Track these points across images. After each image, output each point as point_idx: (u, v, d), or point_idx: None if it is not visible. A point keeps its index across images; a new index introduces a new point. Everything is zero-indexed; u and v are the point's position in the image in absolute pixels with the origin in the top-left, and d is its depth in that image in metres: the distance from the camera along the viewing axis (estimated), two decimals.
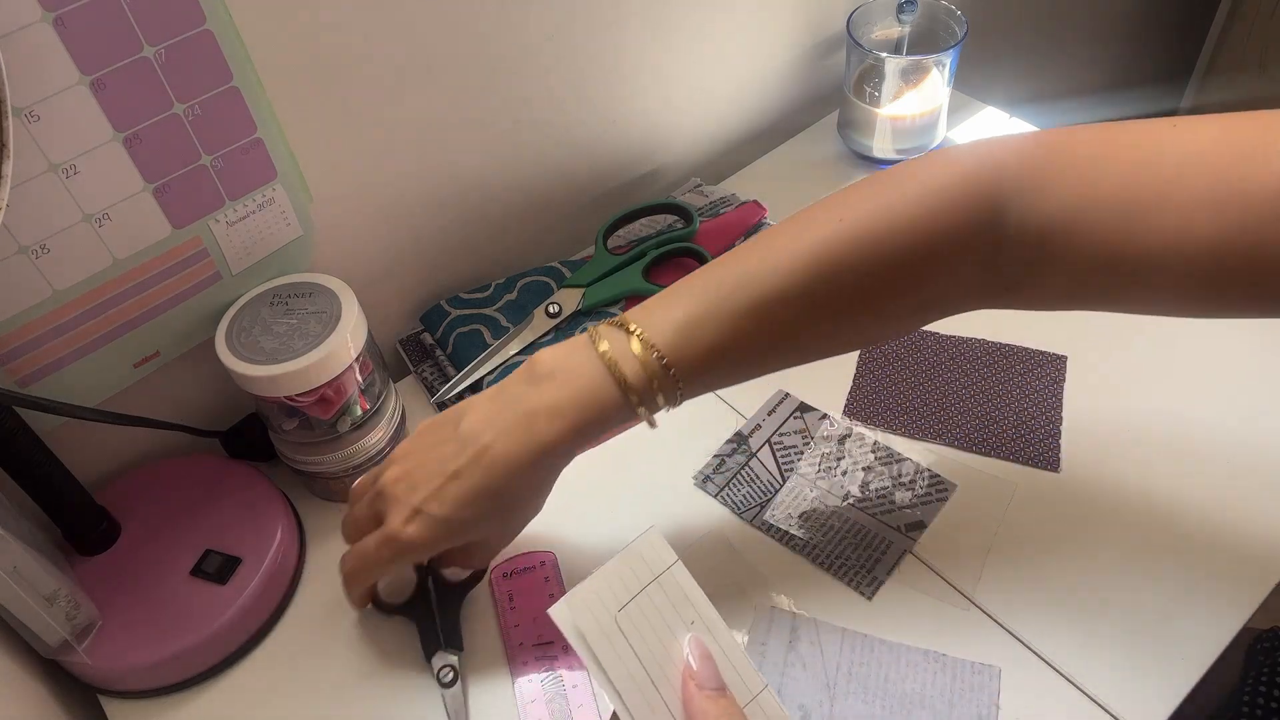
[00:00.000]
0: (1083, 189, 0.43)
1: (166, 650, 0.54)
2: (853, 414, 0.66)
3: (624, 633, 0.42)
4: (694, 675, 0.41)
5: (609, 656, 0.41)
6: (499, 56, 0.65)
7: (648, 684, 0.41)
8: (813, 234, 0.48)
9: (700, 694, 0.40)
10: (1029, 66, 1.22)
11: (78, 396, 0.57)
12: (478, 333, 0.70)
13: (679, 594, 0.43)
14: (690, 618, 0.43)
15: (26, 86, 0.46)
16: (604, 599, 0.42)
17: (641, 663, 0.41)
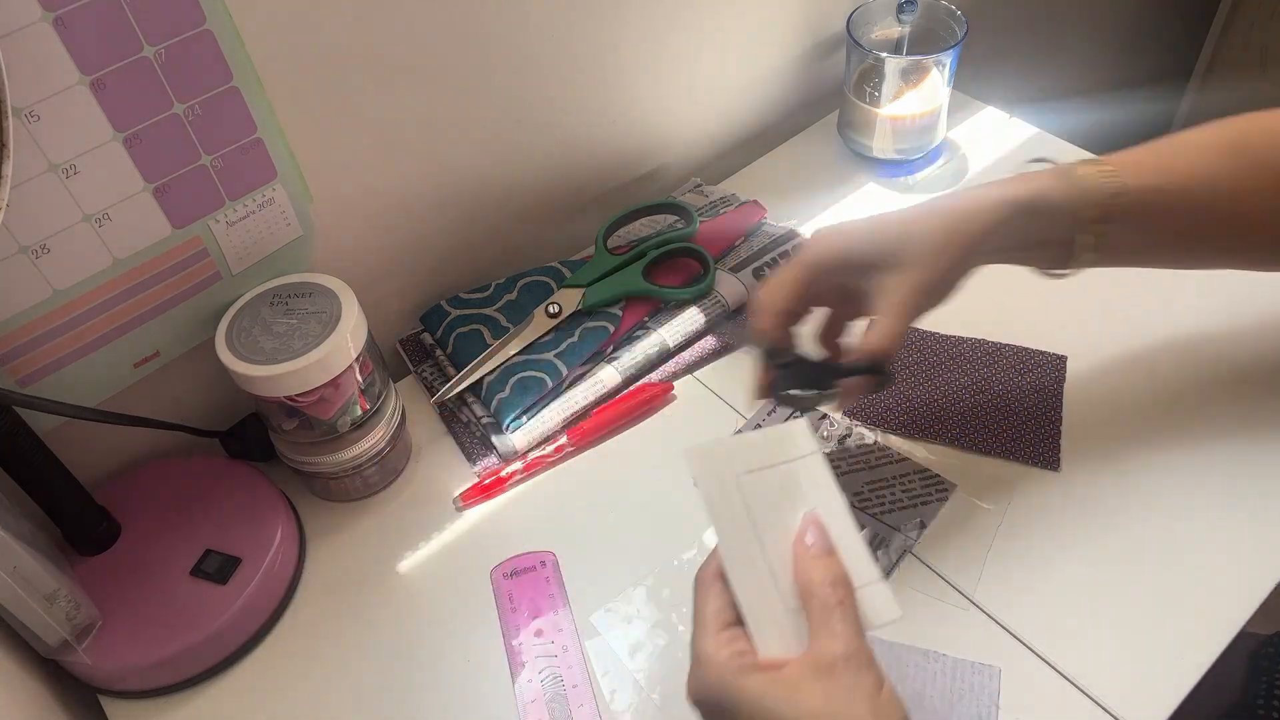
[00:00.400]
0: None
1: (166, 650, 0.54)
2: (853, 414, 0.66)
3: (743, 494, 0.43)
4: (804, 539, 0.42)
5: (722, 511, 0.43)
6: (499, 57, 0.65)
7: (755, 548, 0.42)
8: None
9: (808, 555, 0.42)
10: (1029, 66, 1.22)
11: (78, 396, 0.57)
12: (478, 333, 0.70)
13: (809, 481, 0.45)
14: (814, 502, 0.44)
15: (26, 86, 0.46)
16: (733, 459, 0.45)
17: (754, 527, 0.43)
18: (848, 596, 0.41)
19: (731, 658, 0.39)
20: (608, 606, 0.58)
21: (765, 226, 0.78)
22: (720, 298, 0.72)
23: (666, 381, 0.70)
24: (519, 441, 0.65)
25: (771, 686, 0.38)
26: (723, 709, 0.39)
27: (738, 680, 0.39)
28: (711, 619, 0.41)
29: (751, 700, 0.38)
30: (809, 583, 0.41)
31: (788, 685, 0.38)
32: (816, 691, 0.38)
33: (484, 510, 0.64)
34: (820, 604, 0.40)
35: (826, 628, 0.40)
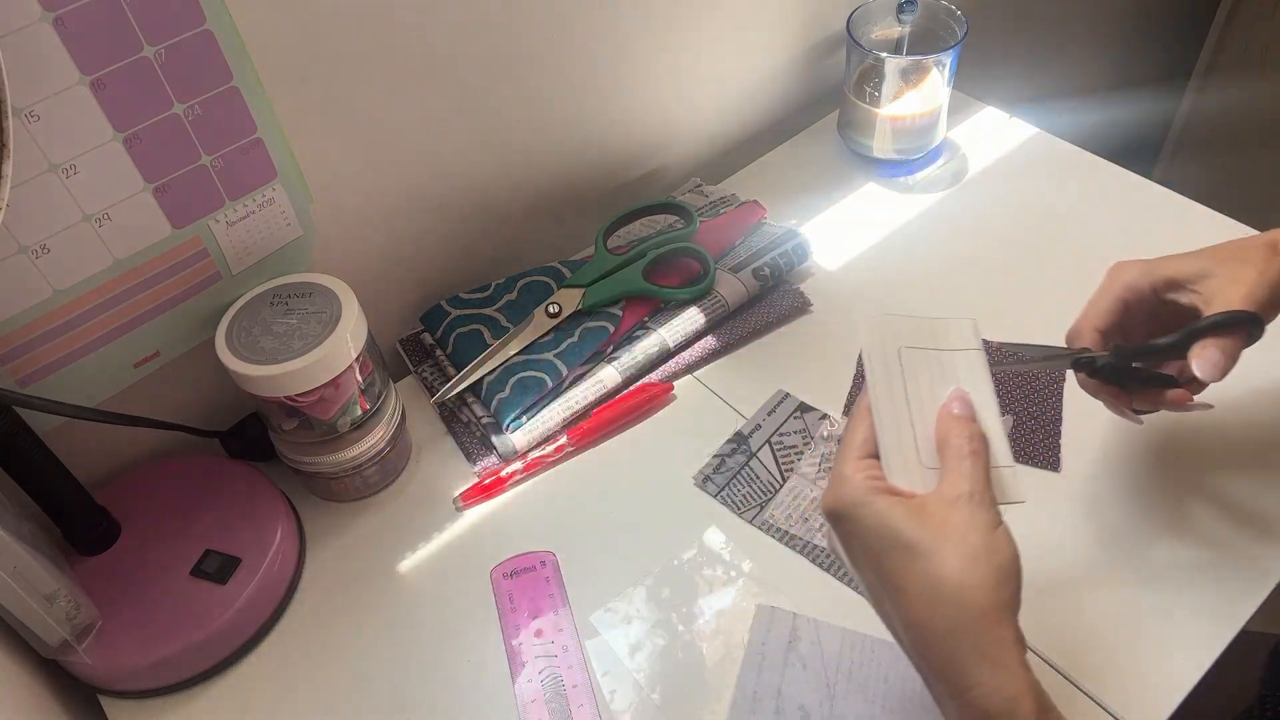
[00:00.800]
0: None
1: (166, 650, 0.54)
2: None
3: (902, 366, 0.47)
4: (950, 406, 0.45)
5: (879, 370, 0.47)
6: (499, 57, 0.65)
7: (903, 410, 0.46)
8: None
9: (950, 414, 0.45)
10: (1029, 66, 1.22)
11: (78, 396, 0.57)
12: (478, 333, 0.70)
13: (965, 370, 0.47)
14: (972, 388, 0.47)
15: (26, 86, 0.46)
16: (900, 333, 0.48)
17: (904, 393, 0.46)
18: (981, 449, 0.44)
19: (865, 479, 0.43)
20: (608, 606, 0.58)
21: (765, 226, 0.78)
22: (720, 298, 0.72)
23: (666, 381, 0.70)
24: (519, 441, 0.65)
25: (896, 506, 0.42)
26: (850, 520, 0.43)
27: (867, 497, 0.42)
28: (857, 445, 0.45)
29: (876, 517, 0.42)
30: (948, 434, 0.44)
31: (911, 509, 0.42)
32: (937, 517, 0.41)
33: (484, 510, 0.64)
34: (955, 450, 0.43)
35: (958, 469, 0.43)
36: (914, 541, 0.41)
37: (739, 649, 0.55)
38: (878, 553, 0.42)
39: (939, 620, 0.40)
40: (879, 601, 0.43)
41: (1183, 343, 0.50)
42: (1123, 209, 0.79)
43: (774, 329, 0.73)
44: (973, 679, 0.39)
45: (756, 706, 0.52)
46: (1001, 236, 0.78)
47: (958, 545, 0.40)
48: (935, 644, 0.40)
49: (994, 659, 0.39)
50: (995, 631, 0.39)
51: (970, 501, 0.42)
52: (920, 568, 0.40)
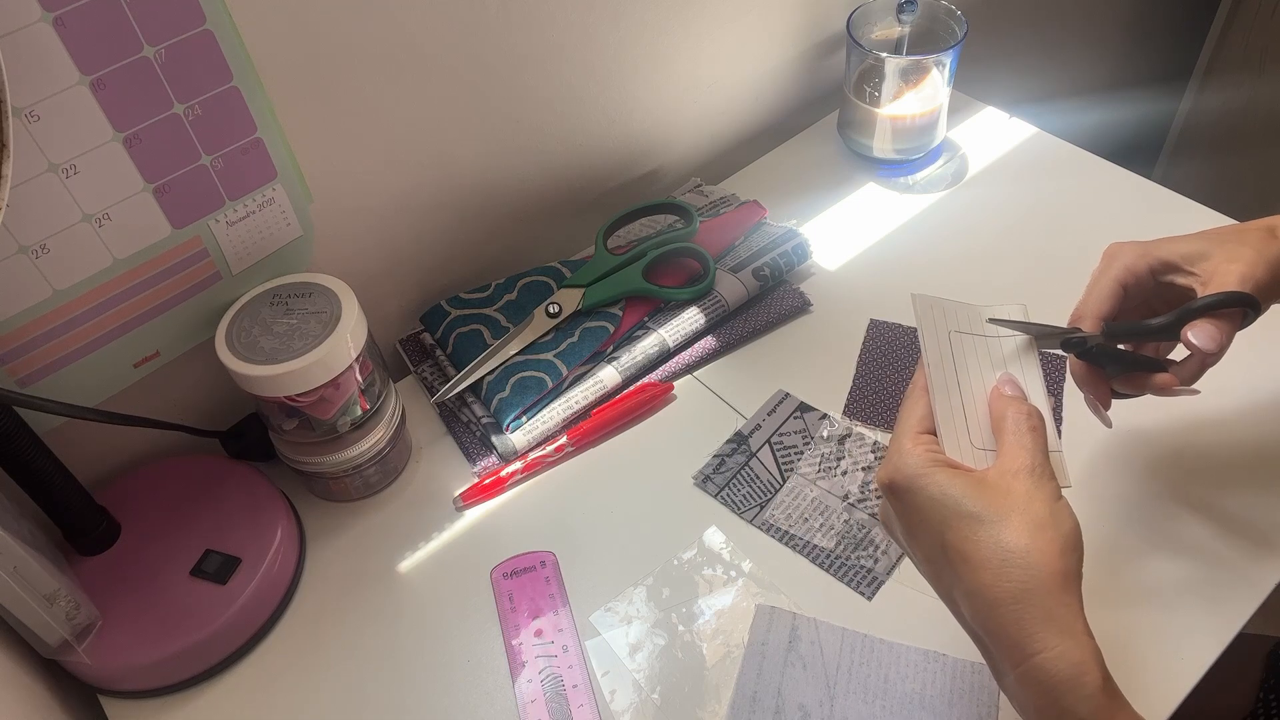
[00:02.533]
0: None
1: (166, 650, 0.54)
2: (853, 414, 0.66)
3: (952, 349, 0.48)
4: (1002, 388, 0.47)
5: (934, 357, 0.47)
6: (500, 57, 0.65)
7: (956, 398, 0.47)
8: None
9: (1003, 394, 0.46)
10: (1029, 66, 1.22)
11: (78, 396, 0.57)
12: (478, 333, 0.70)
13: (1014, 357, 0.49)
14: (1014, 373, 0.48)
15: (26, 86, 0.46)
16: (950, 316, 0.49)
17: (958, 381, 0.47)
18: (1040, 425, 0.44)
19: (924, 453, 0.44)
20: (608, 606, 0.58)
21: (765, 226, 0.78)
22: (720, 298, 0.72)
23: (666, 381, 0.70)
24: (519, 441, 0.65)
25: (958, 478, 0.42)
26: (911, 492, 0.43)
27: (927, 469, 0.43)
28: (914, 422, 0.45)
29: (937, 488, 0.42)
30: (1004, 411, 0.45)
31: (972, 480, 0.42)
32: (1000, 488, 0.42)
33: (484, 510, 0.64)
34: (1013, 425, 0.44)
35: (1018, 443, 0.43)
36: (979, 510, 0.41)
37: (739, 649, 0.55)
38: (940, 522, 0.42)
39: (1007, 585, 0.40)
40: (938, 573, 0.43)
41: (1175, 323, 0.50)
42: (1123, 209, 0.79)
43: (774, 329, 0.73)
44: (1040, 643, 0.39)
45: (756, 706, 0.52)
46: (1001, 237, 0.78)
47: (1023, 514, 0.41)
48: (1002, 609, 0.40)
49: (1062, 624, 0.39)
50: (1063, 597, 0.39)
51: (1032, 474, 0.42)
52: (987, 534, 0.40)
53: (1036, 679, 0.39)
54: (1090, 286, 0.54)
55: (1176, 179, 1.33)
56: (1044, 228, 0.78)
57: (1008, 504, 0.41)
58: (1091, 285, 0.54)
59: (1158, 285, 0.53)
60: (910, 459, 0.43)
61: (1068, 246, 0.76)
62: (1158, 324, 0.50)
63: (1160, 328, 0.50)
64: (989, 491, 0.42)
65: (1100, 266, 0.54)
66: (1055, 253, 0.76)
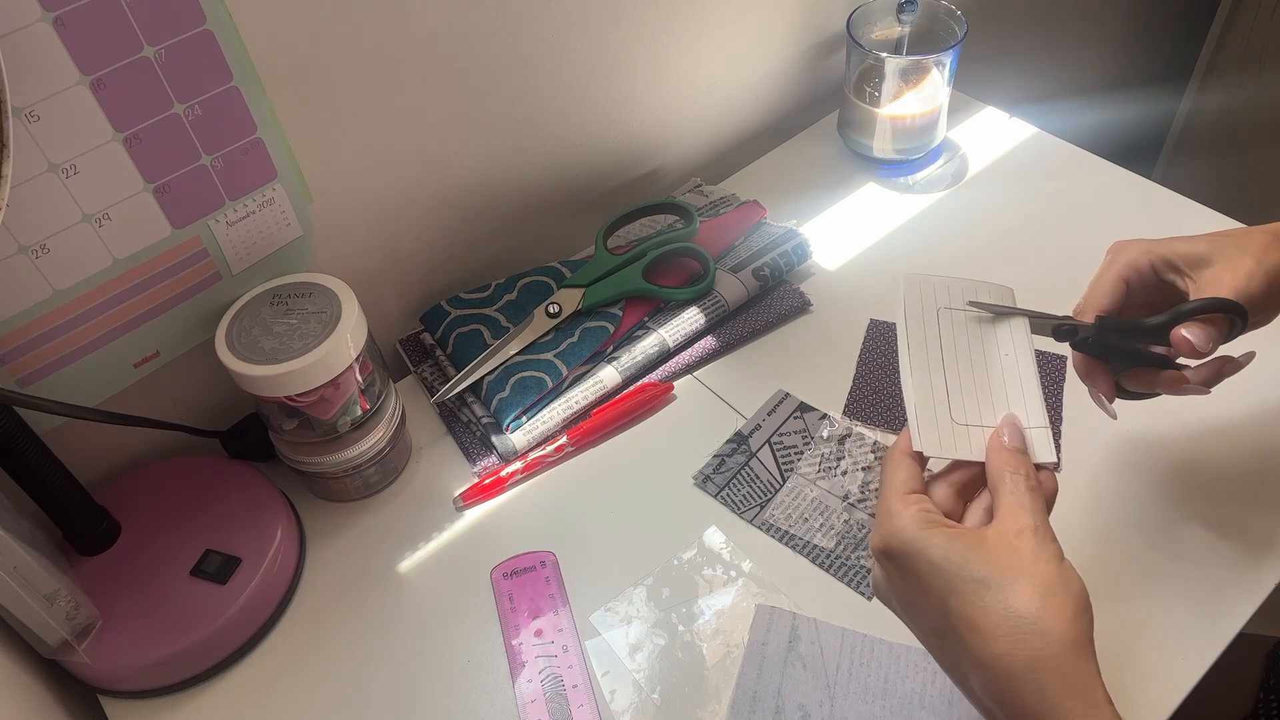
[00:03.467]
0: None
1: (166, 650, 0.54)
2: (853, 414, 0.66)
3: (939, 325, 0.48)
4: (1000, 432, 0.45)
5: (915, 330, 0.47)
6: (500, 57, 0.65)
7: (939, 374, 0.47)
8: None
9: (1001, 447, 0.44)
10: (1029, 66, 1.22)
11: (78, 396, 0.57)
12: (478, 333, 0.70)
13: (1005, 333, 0.49)
14: (1009, 350, 0.48)
15: (26, 86, 0.46)
16: (939, 293, 0.49)
17: (940, 353, 0.47)
18: (1038, 485, 0.43)
19: (918, 514, 0.42)
20: (608, 606, 0.58)
21: (765, 226, 0.78)
22: (720, 298, 0.72)
23: (666, 381, 0.70)
24: (519, 441, 0.65)
25: (957, 540, 0.40)
26: (907, 557, 0.41)
27: (924, 531, 0.41)
28: (900, 484, 0.44)
29: (938, 552, 0.40)
30: (1002, 469, 0.43)
31: (972, 541, 0.40)
32: (1003, 549, 0.40)
33: (484, 510, 0.64)
34: (1012, 484, 0.42)
35: (1018, 503, 0.41)
36: (984, 575, 0.39)
37: (739, 649, 0.55)
38: (943, 588, 0.40)
39: (1022, 653, 0.37)
40: (944, 645, 0.41)
41: (1168, 324, 0.49)
42: (1123, 209, 0.79)
43: (774, 329, 0.73)
44: (1064, 713, 0.37)
45: (756, 706, 0.52)
46: (1001, 237, 0.78)
47: (1031, 576, 0.39)
48: (1020, 680, 0.38)
49: (1084, 694, 0.37)
50: (1081, 664, 0.38)
51: (1035, 534, 0.40)
52: (995, 600, 0.38)
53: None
54: (1094, 281, 0.54)
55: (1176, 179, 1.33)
56: (1044, 228, 0.78)
57: (1014, 566, 0.39)
58: (1095, 280, 0.54)
59: (1160, 283, 0.53)
60: (903, 520, 0.41)
61: (1068, 247, 0.76)
62: (1151, 324, 0.50)
63: (1153, 328, 0.50)
64: (992, 554, 0.40)
65: (1104, 262, 0.54)
66: (1055, 253, 0.76)
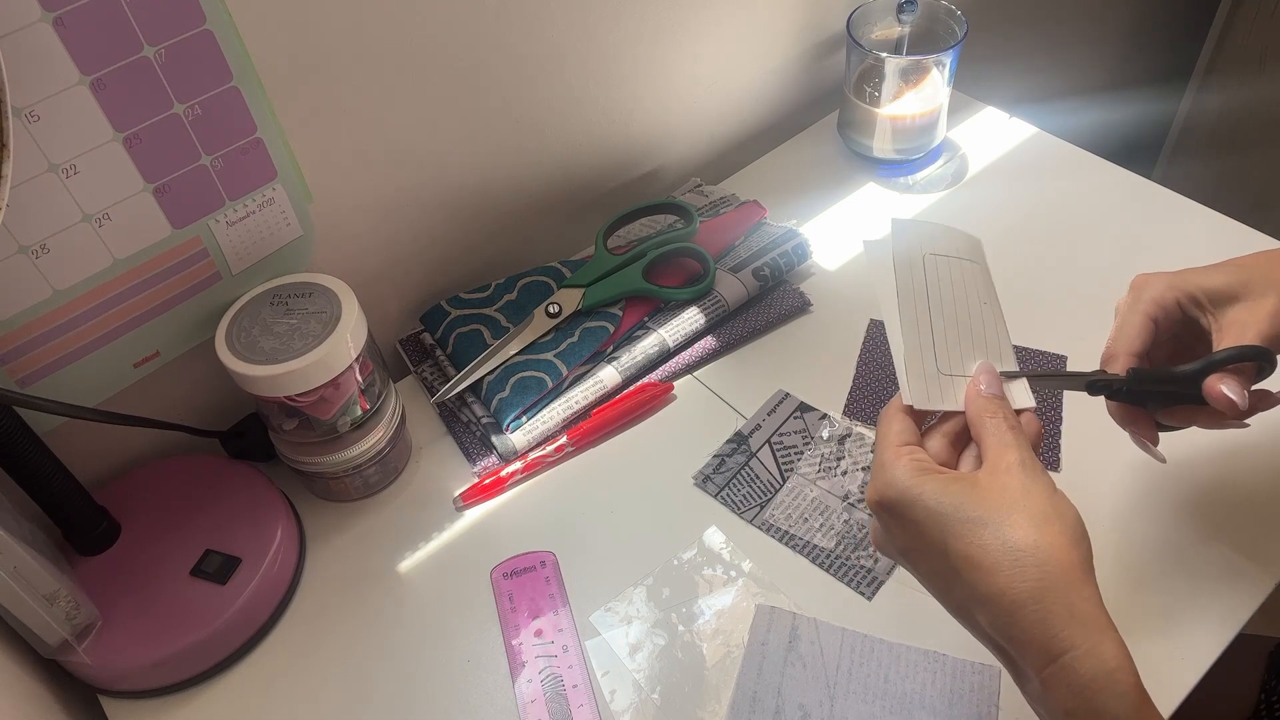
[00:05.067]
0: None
1: (166, 650, 0.54)
2: (853, 414, 0.66)
3: (925, 269, 0.48)
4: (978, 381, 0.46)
5: (904, 277, 0.48)
6: (500, 57, 0.65)
7: (924, 315, 0.47)
8: None
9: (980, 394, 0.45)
10: (1029, 66, 1.22)
11: (78, 396, 0.57)
12: (478, 333, 0.70)
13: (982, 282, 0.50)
14: (984, 300, 0.50)
15: (26, 86, 0.46)
16: (925, 238, 0.49)
17: (927, 299, 0.48)
18: (1019, 425, 0.44)
19: (910, 463, 0.43)
20: (608, 606, 0.58)
21: (765, 226, 0.78)
22: (720, 298, 0.72)
23: (666, 381, 0.70)
24: (519, 441, 0.65)
25: (951, 483, 0.41)
26: (903, 505, 0.42)
27: (917, 479, 0.42)
28: (893, 437, 0.45)
29: (933, 497, 0.41)
30: (982, 413, 0.45)
31: (965, 484, 0.41)
32: (994, 488, 0.41)
33: (484, 510, 0.64)
34: (993, 428, 0.44)
35: (1000, 440, 0.43)
36: (980, 514, 0.40)
37: (739, 649, 0.55)
38: (941, 531, 0.41)
39: (1024, 584, 0.38)
40: (948, 587, 0.42)
41: (1200, 373, 0.49)
42: (1123, 209, 0.79)
43: (774, 329, 0.73)
44: (1068, 641, 0.38)
45: (756, 706, 0.52)
46: (1001, 237, 0.78)
47: (1024, 510, 0.40)
48: (1023, 610, 0.38)
49: (1087, 619, 0.38)
50: (1082, 590, 0.39)
51: (1023, 468, 0.41)
52: (993, 536, 0.39)
53: (1066, 681, 0.38)
54: (1120, 324, 0.53)
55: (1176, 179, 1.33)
56: (1044, 228, 0.78)
57: (1006, 502, 0.40)
58: (1122, 322, 0.53)
59: (1185, 319, 0.52)
60: (898, 471, 0.43)
61: (1068, 246, 0.76)
62: (1183, 372, 0.49)
63: (1184, 377, 0.49)
64: (984, 493, 0.41)
65: (1128, 300, 0.53)
66: (1055, 253, 0.76)
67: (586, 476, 0.66)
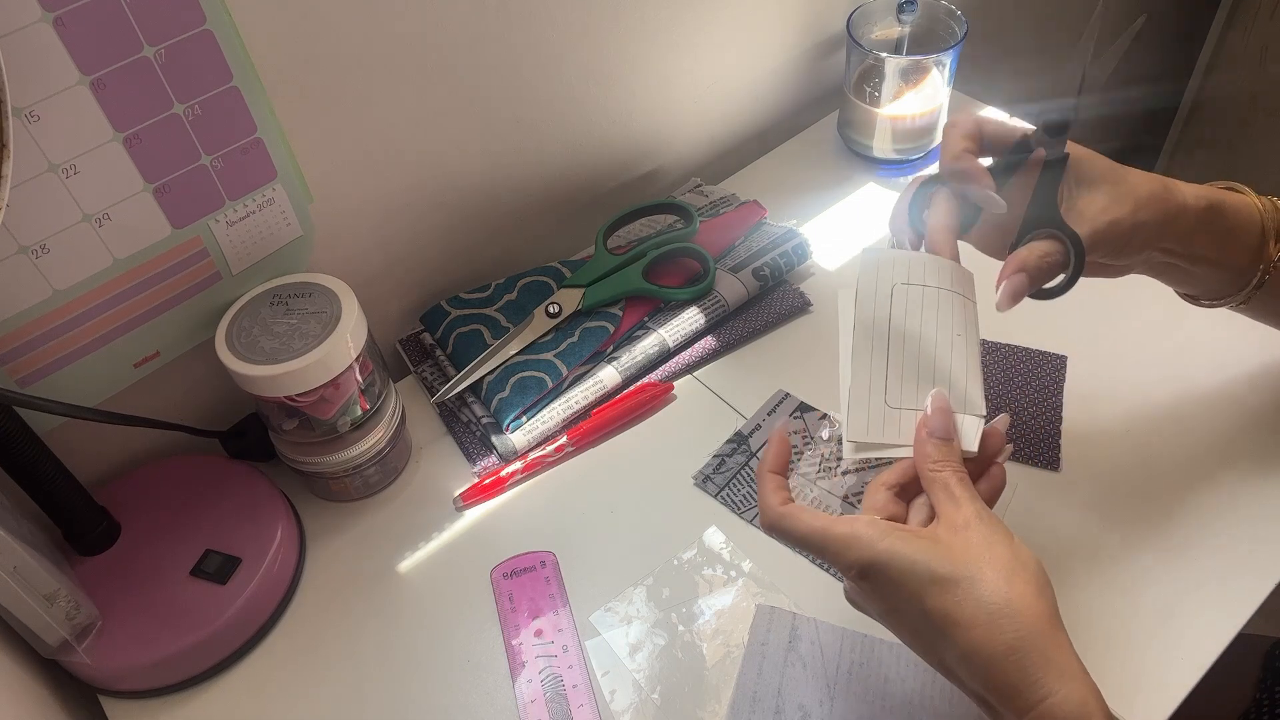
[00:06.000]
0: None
1: (166, 650, 0.54)
2: None
3: (891, 301, 0.48)
4: (927, 422, 0.46)
5: (866, 314, 0.47)
6: (499, 56, 0.65)
7: (881, 347, 0.47)
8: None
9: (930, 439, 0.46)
10: (1029, 66, 1.22)
11: (78, 396, 0.57)
12: (478, 333, 0.70)
13: (961, 315, 0.49)
14: (959, 333, 0.48)
15: (26, 86, 0.46)
16: (896, 267, 0.48)
17: (889, 330, 0.47)
18: (964, 472, 0.45)
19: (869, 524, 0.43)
20: (608, 606, 0.58)
21: (765, 226, 0.78)
22: (720, 298, 0.72)
23: (666, 381, 0.70)
24: (519, 441, 0.65)
25: (912, 541, 0.42)
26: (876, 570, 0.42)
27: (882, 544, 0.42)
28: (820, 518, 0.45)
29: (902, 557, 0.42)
30: (926, 459, 0.45)
31: (927, 541, 0.42)
32: (957, 544, 0.42)
33: (484, 510, 0.64)
34: (941, 481, 0.45)
35: (949, 496, 0.44)
36: (949, 572, 0.41)
37: (739, 649, 0.55)
38: (916, 592, 0.42)
39: (1001, 638, 0.40)
40: (929, 643, 0.43)
41: (1031, 222, 0.50)
42: None
43: (774, 329, 0.73)
44: (1046, 689, 0.39)
45: (756, 706, 0.52)
46: None
47: (990, 564, 0.41)
48: (1001, 663, 0.40)
49: (1060, 666, 0.40)
50: (1055, 637, 0.40)
51: (981, 521, 0.43)
52: (966, 593, 0.41)
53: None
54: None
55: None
56: None
57: (971, 557, 0.41)
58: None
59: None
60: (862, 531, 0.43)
61: None
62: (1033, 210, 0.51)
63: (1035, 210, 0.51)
64: (947, 550, 0.42)
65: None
66: None
67: (586, 476, 0.66)
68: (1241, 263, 0.54)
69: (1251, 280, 0.54)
